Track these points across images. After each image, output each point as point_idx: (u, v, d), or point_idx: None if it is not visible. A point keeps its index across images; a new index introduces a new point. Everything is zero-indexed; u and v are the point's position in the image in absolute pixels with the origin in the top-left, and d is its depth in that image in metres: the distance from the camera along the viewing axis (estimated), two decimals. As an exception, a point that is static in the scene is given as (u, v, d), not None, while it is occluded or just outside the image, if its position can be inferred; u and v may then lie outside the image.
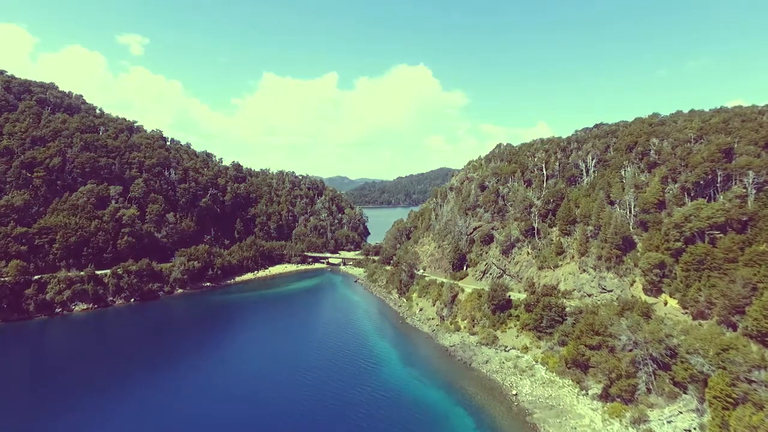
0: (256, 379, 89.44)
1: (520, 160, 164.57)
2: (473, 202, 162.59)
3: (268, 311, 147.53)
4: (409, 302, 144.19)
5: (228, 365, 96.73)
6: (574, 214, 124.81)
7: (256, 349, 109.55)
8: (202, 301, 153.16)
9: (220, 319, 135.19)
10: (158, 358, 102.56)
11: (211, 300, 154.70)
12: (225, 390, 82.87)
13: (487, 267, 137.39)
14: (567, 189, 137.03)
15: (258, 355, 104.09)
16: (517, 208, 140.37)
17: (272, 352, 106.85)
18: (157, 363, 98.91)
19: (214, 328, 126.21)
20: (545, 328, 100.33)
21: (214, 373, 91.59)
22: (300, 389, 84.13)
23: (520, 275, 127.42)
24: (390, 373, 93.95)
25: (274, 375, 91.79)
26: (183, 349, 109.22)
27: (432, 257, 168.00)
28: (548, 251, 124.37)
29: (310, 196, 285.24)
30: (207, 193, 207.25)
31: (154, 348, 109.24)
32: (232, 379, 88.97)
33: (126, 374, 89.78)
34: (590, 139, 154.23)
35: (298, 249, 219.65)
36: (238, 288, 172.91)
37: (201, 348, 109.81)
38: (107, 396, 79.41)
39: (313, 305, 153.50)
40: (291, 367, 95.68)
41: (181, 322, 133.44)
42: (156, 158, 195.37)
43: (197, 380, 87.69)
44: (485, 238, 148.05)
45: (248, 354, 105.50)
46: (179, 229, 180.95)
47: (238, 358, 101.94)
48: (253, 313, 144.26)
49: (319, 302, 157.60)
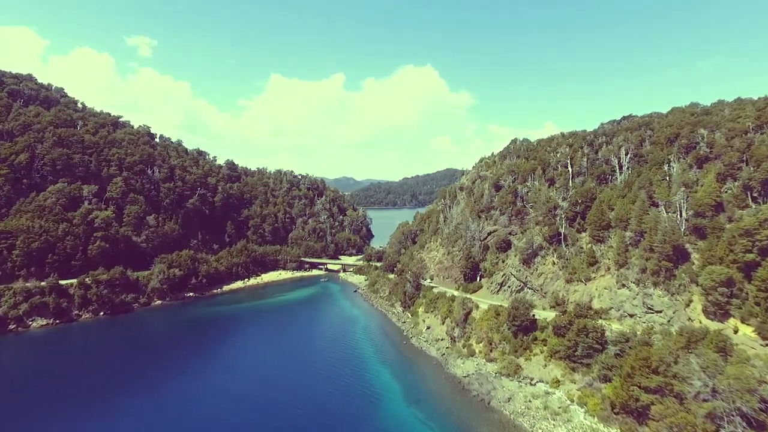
0: (230, 417, 72.90)
1: (541, 156, 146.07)
2: (487, 203, 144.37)
3: (253, 327, 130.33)
4: (414, 318, 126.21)
5: (198, 393, 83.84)
6: (607, 217, 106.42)
7: (233, 376, 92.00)
8: (181, 315, 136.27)
9: (198, 337, 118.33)
10: (120, 382, 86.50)
11: (192, 313, 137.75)
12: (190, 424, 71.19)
13: (505, 278, 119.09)
14: (597, 188, 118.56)
15: (235, 385, 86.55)
16: (540, 210, 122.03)
17: (252, 382, 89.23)
18: (117, 388, 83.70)
19: (189, 348, 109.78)
20: (580, 357, 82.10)
21: (182, 402, 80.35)
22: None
23: (544, 289, 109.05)
24: (390, 414, 77.01)
25: (249, 413, 74.79)
26: (150, 373, 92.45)
27: (440, 265, 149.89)
28: (578, 261, 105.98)
29: (310, 197, 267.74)
30: (195, 194, 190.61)
31: (115, 371, 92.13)
32: (200, 411, 75.91)
33: (77, 404, 78.14)
34: (621, 132, 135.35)
35: (294, 254, 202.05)
36: (224, 299, 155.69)
37: (171, 370, 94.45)
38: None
39: (305, 321, 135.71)
40: (273, 405, 78.95)
41: (153, 340, 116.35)
42: (138, 155, 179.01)
43: (164, 408, 77.19)
44: (502, 244, 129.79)
45: (222, 383, 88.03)
46: (161, 233, 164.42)
47: (211, 388, 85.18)
48: (235, 329, 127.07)
49: (312, 317, 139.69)
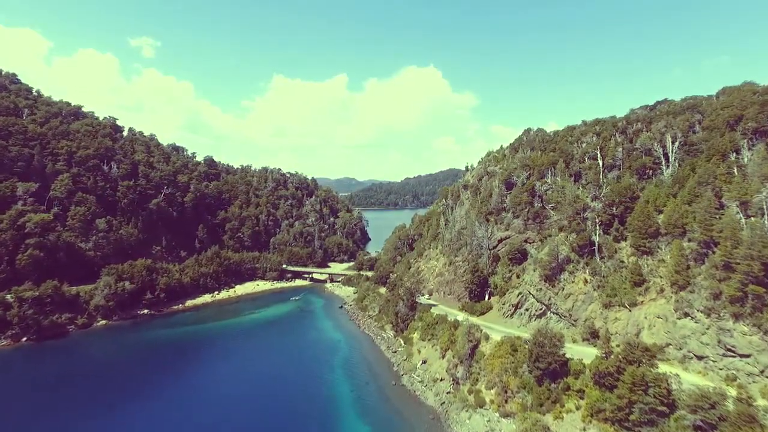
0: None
1: (562, 146, 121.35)
2: (497, 203, 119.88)
3: (205, 357, 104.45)
4: (407, 347, 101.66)
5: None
6: (655, 222, 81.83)
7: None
8: (126, 339, 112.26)
9: (137, 368, 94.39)
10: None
11: (140, 337, 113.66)
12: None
13: (522, 298, 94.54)
14: (638, 184, 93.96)
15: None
16: (564, 212, 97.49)
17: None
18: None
19: (113, 384, 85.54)
20: (638, 424, 57.43)
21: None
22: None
23: (574, 315, 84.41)
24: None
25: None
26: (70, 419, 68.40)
27: (441, 278, 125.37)
28: (618, 279, 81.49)
29: (298, 196, 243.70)
30: (160, 193, 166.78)
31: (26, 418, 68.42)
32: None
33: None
34: (660, 117, 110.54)
35: (274, 262, 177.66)
36: (183, 317, 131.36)
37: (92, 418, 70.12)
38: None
39: (274, 349, 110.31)
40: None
41: (82, 373, 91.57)
42: (94, 149, 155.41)
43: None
44: (515, 254, 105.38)
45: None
46: (114, 239, 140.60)
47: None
48: (180, 361, 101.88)
49: (285, 343, 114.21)
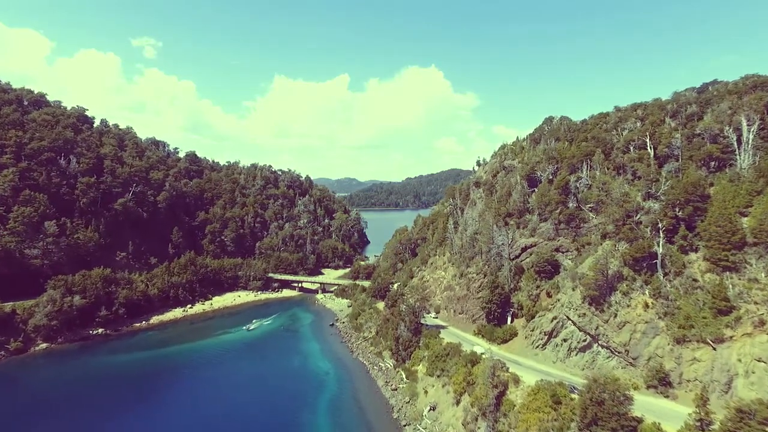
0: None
1: (597, 135, 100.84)
2: (519, 204, 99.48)
3: (173, 389, 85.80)
4: (411, 383, 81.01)
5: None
6: (740, 227, 61.39)
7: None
8: (69, 368, 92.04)
9: (74, 407, 74.54)
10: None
11: (86, 365, 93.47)
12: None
13: (558, 325, 73.91)
14: (707, 179, 73.46)
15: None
16: (610, 214, 76.95)
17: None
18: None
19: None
20: None
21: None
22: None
23: (632, 351, 63.77)
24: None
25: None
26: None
27: (450, 293, 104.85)
28: (693, 304, 61.22)
29: (290, 196, 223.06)
30: (128, 191, 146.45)
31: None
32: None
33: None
34: (724, 97, 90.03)
35: (259, 269, 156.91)
36: (147, 338, 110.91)
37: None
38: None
39: (247, 381, 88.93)
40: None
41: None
42: (50, 140, 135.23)
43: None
44: (545, 265, 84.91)
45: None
46: (67, 244, 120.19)
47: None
48: (141, 393, 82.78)
49: (261, 373, 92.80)
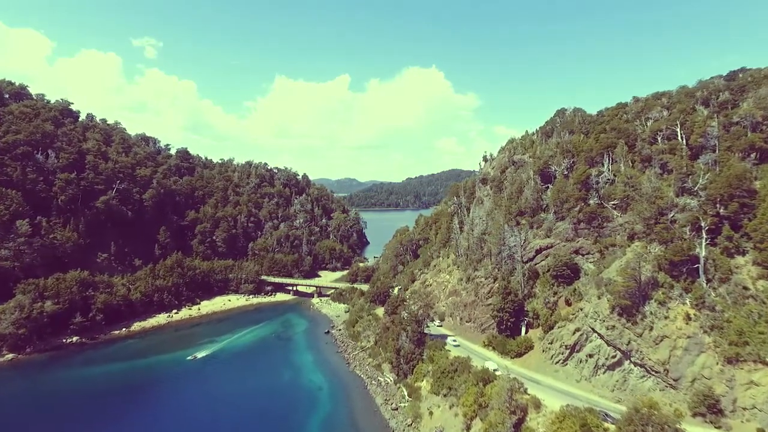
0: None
1: (618, 125, 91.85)
2: (532, 201, 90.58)
3: (149, 406, 76.66)
4: (413, 402, 71.97)
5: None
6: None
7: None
8: (35, 383, 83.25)
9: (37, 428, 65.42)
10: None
11: (56, 379, 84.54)
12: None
13: (582, 338, 64.90)
14: (752, 171, 64.61)
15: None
16: (640, 212, 68.06)
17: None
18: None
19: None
20: None
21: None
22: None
23: (672, 371, 54.78)
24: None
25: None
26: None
27: (456, 299, 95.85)
28: (744, 317, 52.42)
29: (286, 195, 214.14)
30: (111, 188, 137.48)
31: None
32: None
33: None
34: (761, 83, 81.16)
35: (251, 272, 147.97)
36: (125, 347, 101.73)
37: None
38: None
39: (232, 398, 79.85)
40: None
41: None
42: (25, 133, 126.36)
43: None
44: (563, 269, 75.99)
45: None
46: (41, 245, 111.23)
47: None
48: (114, 411, 73.43)
49: (248, 389, 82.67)
